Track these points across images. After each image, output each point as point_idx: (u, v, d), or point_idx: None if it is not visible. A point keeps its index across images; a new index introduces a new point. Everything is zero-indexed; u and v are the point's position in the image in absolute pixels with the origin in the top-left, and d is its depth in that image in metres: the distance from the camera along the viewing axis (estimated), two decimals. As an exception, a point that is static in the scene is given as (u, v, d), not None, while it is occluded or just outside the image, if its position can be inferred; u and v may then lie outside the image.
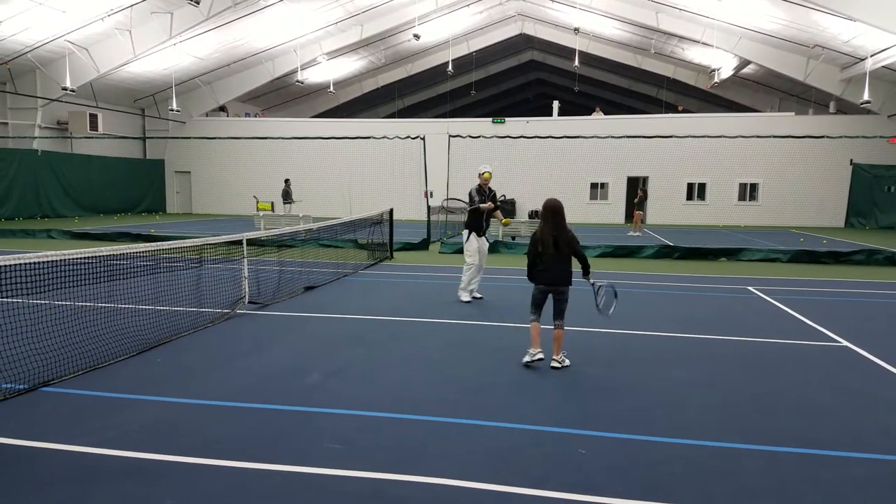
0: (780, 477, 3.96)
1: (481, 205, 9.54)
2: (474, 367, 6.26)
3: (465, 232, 9.81)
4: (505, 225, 11.11)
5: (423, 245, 17.14)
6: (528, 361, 6.16)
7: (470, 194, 9.73)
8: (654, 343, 7.39)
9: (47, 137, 27.76)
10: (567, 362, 6.19)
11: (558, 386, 5.69)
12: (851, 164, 28.86)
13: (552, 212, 6.20)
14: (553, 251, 6.10)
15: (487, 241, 9.93)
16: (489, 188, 9.78)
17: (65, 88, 24.22)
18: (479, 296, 9.84)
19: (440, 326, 8.06)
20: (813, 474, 4.01)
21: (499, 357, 6.59)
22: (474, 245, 9.61)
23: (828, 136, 22.37)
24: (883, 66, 23.52)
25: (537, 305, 6.32)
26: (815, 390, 5.70)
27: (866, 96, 23.79)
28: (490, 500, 3.63)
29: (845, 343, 7.40)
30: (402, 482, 3.81)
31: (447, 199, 26.75)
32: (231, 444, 4.33)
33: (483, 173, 9.75)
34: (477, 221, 9.64)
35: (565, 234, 6.15)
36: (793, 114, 30.42)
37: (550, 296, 6.26)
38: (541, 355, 6.12)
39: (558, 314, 6.21)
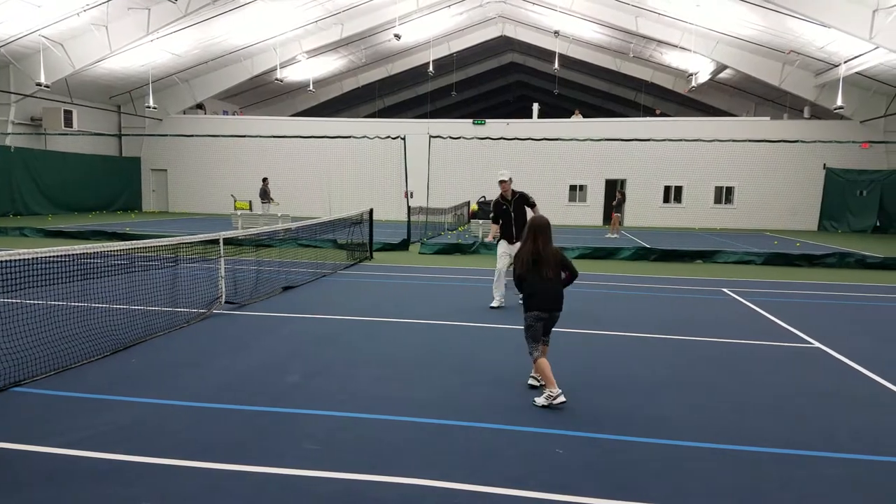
0: (753, 476, 4.02)
1: (486, 239, 9.10)
2: (452, 367, 6.26)
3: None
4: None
5: (403, 245, 17.12)
6: (546, 404, 5.16)
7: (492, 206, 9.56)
8: (630, 344, 7.45)
9: (21, 134, 27.26)
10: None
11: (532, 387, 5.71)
12: (825, 168, 29.38)
13: (534, 230, 5.51)
14: (534, 271, 5.41)
15: None
16: (513, 192, 9.29)
17: (39, 84, 23.84)
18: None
19: (419, 327, 8.06)
20: (785, 474, 4.07)
21: (476, 357, 6.60)
22: (500, 249, 9.49)
23: (802, 141, 22.74)
24: (856, 73, 23.99)
25: (536, 339, 5.41)
26: (787, 391, 5.79)
27: (840, 102, 24.25)
28: (467, 501, 3.64)
29: (817, 344, 7.53)
30: (378, 483, 3.80)
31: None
32: (207, 444, 4.29)
33: (499, 181, 9.34)
34: (504, 230, 9.41)
35: (550, 250, 5.45)
36: (768, 118, 30.92)
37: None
38: (563, 398, 5.14)
39: (545, 332, 5.55)
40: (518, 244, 8.84)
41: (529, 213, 9.19)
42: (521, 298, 5.67)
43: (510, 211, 9.32)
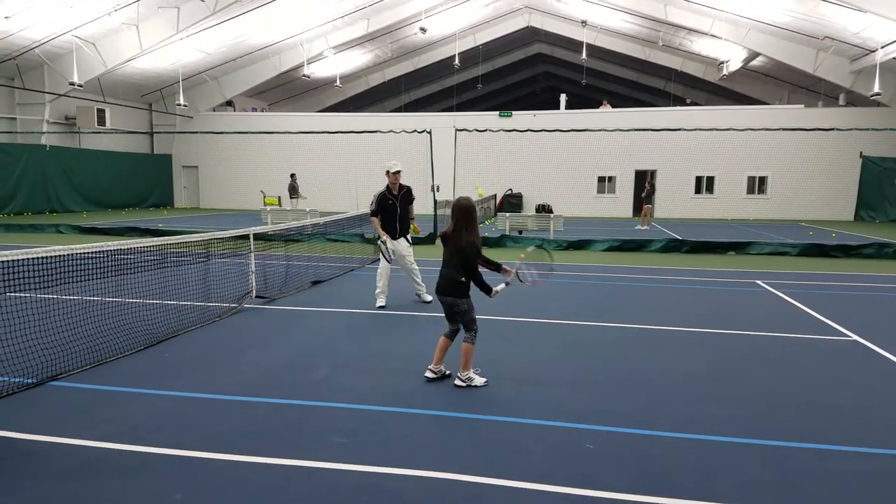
0: (788, 471, 3.93)
1: (381, 238, 8.65)
2: (477, 361, 6.23)
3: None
4: (414, 232, 9.36)
5: (430, 239, 17.12)
6: (426, 376, 5.62)
7: (372, 201, 8.81)
8: (662, 337, 7.35)
9: (55, 132, 27.87)
10: (477, 381, 5.43)
11: (563, 380, 5.67)
12: (861, 156, 28.63)
13: (454, 211, 5.45)
14: (445, 253, 5.49)
15: (408, 241, 8.98)
16: (400, 186, 8.74)
17: (72, 83, 24.32)
18: (428, 298, 8.95)
19: (443, 320, 8.03)
20: (821, 469, 3.98)
21: (500, 351, 6.58)
22: (383, 248, 8.80)
23: (837, 129, 22.16)
24: (893, 58, 23.28)
25: (445, 316, 5.61)
26: (823, 385, 5.67)
27: (876, 88, 23.59)
28: (493, 494, 3.63)
29: (855, 337, 7.35)
30: (405, 476, 3.81)
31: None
32: (237, 437, 4.35)
33: (391, 172, 8.62)
34: (388, 226, 8.77)
35: (458, 237, 5.33)
36: (802, 106, 30.21)
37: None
38: (430, 374, 5.57)
39: (463, 327, 5.54)
40: (401, 240, 8.76)
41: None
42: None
43: (396, 206, 8.73)
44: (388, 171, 8.68)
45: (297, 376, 5.71)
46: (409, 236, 9.04)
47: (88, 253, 6.38)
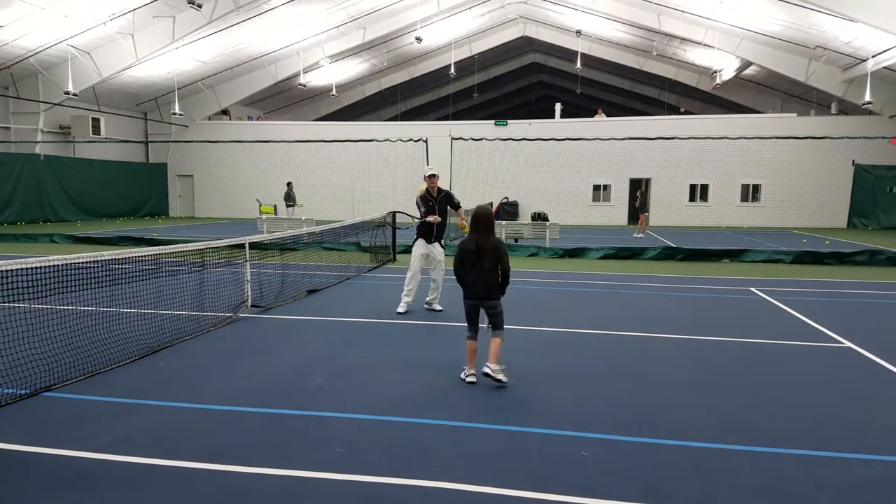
0: (783, 478, 3.94)
1: (428, 218, 8.87)
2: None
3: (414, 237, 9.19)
4: (461, 228, 9.50)
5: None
6: (462, 378, 5.84)
7: (417, 203, 9.07)
8: (656, 345, 7.37)
9: (50, 142, 27.82)
10: (503, 378, 5.61)
11: (559, 388, 5.68)
12: (853, 164, 28.82)
13: (478, 220, 5.79)
14: (476, 260, 5.73)
15: (442, 246, 9.16)
16: (439, 189, 9.00)
17: (67, 93, 24.33)
18: (438, 308, 9.10)
19: (442, 329, 8.05)
20: (816, 476, 3.99)
21: (500, 359, 6.57)
22: (418, 251, 9.00)
23: (829, 137, 22.27)
24: (884, 67, 23.50)
25: (471, 321, 5.87)
26: (817, 391, 5.69)
27: (868, 97, 23.76)
28: (492, 503, 3.63)
29: (848, 344, 7.38)
30: (403, 486, 3.80)
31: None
32: (233, 448, 4.33)
33: (427, 176, 8.94)
34: (425, 228, 8.98)
35: (487, 240, 5.73)
36: (795, 115, 30.40)
37: (483, 310, 5.86)
38: (473, 378, 5.75)
39: (494, 326, 5.82)
40: (436, 244, 8.94)
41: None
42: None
43: (435, 208, 8.92)
44: (425, 176, 8.96)
45: (293, 386, 5.70)
46: (443, 241, 9.21)
47: (83, 263, 6.37)
